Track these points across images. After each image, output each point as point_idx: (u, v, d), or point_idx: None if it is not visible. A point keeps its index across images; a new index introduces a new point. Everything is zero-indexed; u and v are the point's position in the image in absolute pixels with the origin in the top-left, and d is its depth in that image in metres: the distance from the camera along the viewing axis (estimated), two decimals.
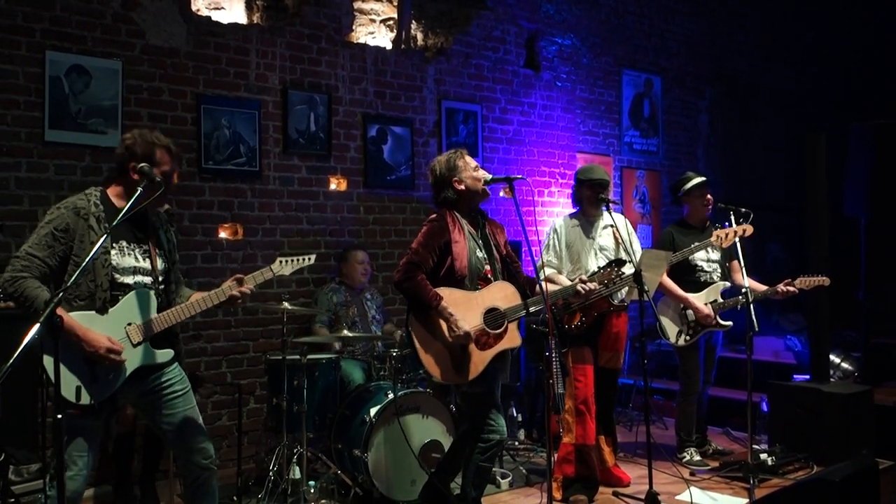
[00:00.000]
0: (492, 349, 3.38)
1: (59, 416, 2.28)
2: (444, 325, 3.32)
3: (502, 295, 3.42)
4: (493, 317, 3.37)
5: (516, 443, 5.16)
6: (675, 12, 7.60)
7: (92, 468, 2.77)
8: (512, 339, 3.43)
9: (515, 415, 5.30)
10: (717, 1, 7.94)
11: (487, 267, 3.47)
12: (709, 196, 4.83)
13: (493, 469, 4.45)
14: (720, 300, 4.65)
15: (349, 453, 4.04)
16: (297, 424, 3.98)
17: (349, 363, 4.57)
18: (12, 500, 3.46)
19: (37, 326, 2.18)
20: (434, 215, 3.49)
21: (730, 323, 4.68)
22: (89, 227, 2.69)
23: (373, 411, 3.97)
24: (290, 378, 4.01)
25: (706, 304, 4.63)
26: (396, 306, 5.32)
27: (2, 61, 4.03)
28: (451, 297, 3.32)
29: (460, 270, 3.36)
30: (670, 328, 4.70)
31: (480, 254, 3.46)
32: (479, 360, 3.35)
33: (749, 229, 4.37)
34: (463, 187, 3.45)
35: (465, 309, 3.32)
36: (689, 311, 4.66)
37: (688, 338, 4.67)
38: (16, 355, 2.10)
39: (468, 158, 3.50)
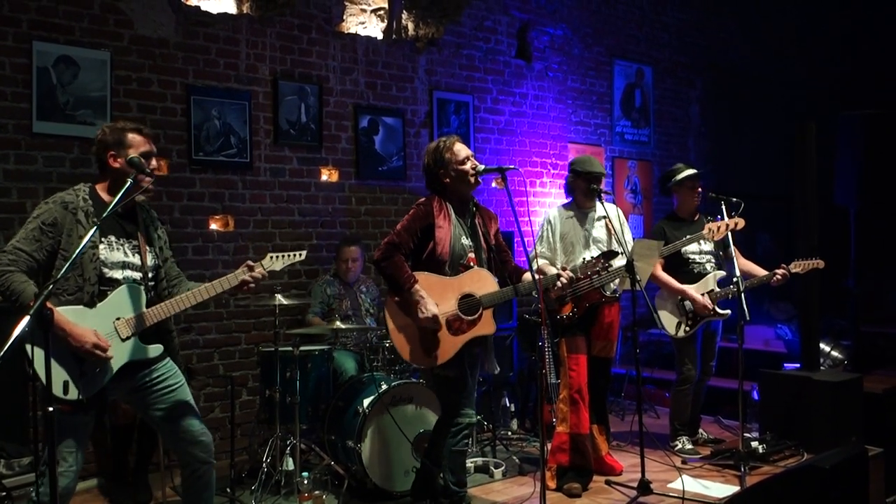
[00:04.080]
0: (464, 335, 3.40)
1: (50, 408, 2.27)
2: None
3: (479, 282, 3.44)
4: (468, 303, 3.39)
5: (509, 433, 5.18)
6: (667, 2, 7.59)
7: (82, 463, 2.75)
8: (486, 325, 3.45)
9: (508, 405, 5.31)
10: None
11: (471, 255, 3.48)
12: (699, 189, 4.81)
13: (487, 459, 4.50)
14: (716, 290, 4.65)
15: (343, 444, 4.05)
16: (290, 416, 3.99)
17: (342, 354, 4.57)
18: (3, 493, 3.45)
19: (26, 319, 2.16)
20: (422, 200, 3.51)
21: (728, 311, 4.67)
22: (77, 222, 2.69)
23: (366, 402, 3.97)
24: (283, 370, 4.01)
25: (702, 294, 4.64)
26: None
27: None
28: (426, 281, 3.35)
29: (441, 255, 3.38)
30: (669, 320, 4.70)
31: (466, 241, 3.47)
32: (451, 344, 3.37)
33: (741, 222, 4.38)
34: (448, 180, 3.46)
35: (439, 293, 3.35)
36: (687, 302, 4.66)
37: (687, 328, 4.67)
38: (6, 349, 2.09)
39: (457, 148, 3.48)
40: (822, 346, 5.54)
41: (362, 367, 4.49)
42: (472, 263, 3.47)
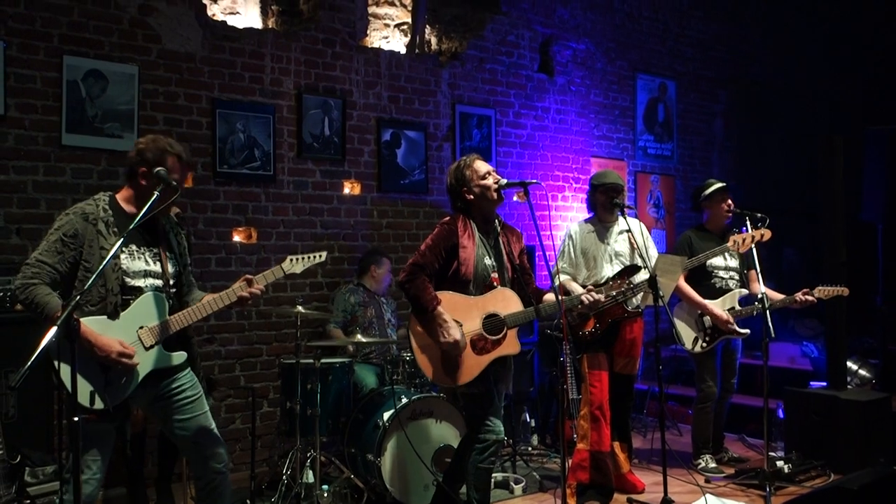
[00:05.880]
0: (489, 354, 3.38)
1: (76, 419, 2.30)
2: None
3: (504, 302, 3.42)
4: (493, 323, 3.38)
5: (530, 448, 5.14)
6: (690, 16, 7.56)
7: (105, 472, 2.77)
8: (510, 345, 3.43)
9: (529, 420, 5.28)
10: (732, 5, 7.89)
11: (494, 275, 3.46)
12: (730, 202, 4.74)
13: (507, 475, 4.47)
14: (737, 307, 4.59)
15: (362, 458, 4.04)
16: (310, 428, 3.97)
17: (362, 367, 4.57)
18: (28, 501, 3.47)
19: (54, 329, 2.20)
20: (446, 219, 3.50)
21: (747, 331, 4.61)
22: (98, 233, 2.70)
23: (386, 416, 3.96)
24: (304, 382, 4.00)
25: (724, 310, 4.58)
26: (409, 311, 5.30)
27: (20, 66, 4.06)
28: (451, 301, 3.34)
29: (465, 275, 3.37)
30: (686, 334, 4.65)
31: (489, 261, 3.46)
32: (475, 364, 3.36)
33: (767, 233, 4.35)
34: (471, 197, 3.46)
35: (464, 313, 3.34)
36: (706, 318, 4.60)
37: (704, 344, 4.61)
38: (33, 358, 2.13)
39: (477, 165, 3.47)
40: (849, 364, 5.45)
41: (382, 381, 4.47)
42: (495, 283, 3.45)
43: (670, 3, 7.37)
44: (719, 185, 4.78)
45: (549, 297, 3.45)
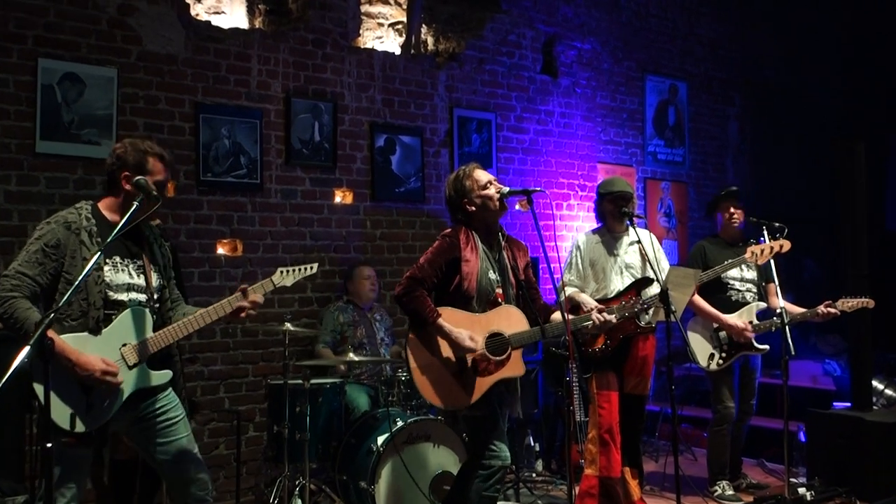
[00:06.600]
0: (492, 376, 3.24)
1: (49, 444, 2.24)
2: (442, 344, 3.23)
3: (508, 320, 3.28)
4: (496, 342, 3.24)
5: (534, 475, 5.02)
6: (701, 14, 7.45)
7: (81, 500, 2.68)
8: (515, 367, 3.29)
9: (533, 444, 5.16)
10: (744, 2, 7.77)
11: (499, 290, 3.33)
12: (733, 209, 4.65)
13: (510, 503, 4.33)
14: (755, 322, 4.46)
15: (355, 485, 3.92)
16: (299, 454, 3.87)
17: (355, 388, 4.46)
18: None
19: (26, 349, 2.12)
20: (448, 231, 3.40)
21: (766, 347, 4.51)
22: (81, 243, 2.63)
23: (380, 440, 3.87)
24: (292, 404, 3.90)
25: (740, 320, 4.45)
26: (404, 327, 5.16)
27: None
28: (453, 317, 3.21)
29: (468, 291, 3.26)
30: (701, 351, 4.50)
31: (493, 276, 3.33)
32: (477, 386, 3.23)
33: (786, 244, 4.25)
34: (472, 208, 3.35)
35: (466, 331, 3.21)
36: (723, 333, 4.47)
37: (721, 361, 4.48)
38: (4, 380, 2.06)
39: (477, 174, 3.37)
40: (874, 383, 5.35)
41: (376, 402, 4.37)
42: (500, 300, 3.33)
43: (679, 1, 7.25)
44: (725, 191, 4.73)
45: (557, 315, 3.34)
